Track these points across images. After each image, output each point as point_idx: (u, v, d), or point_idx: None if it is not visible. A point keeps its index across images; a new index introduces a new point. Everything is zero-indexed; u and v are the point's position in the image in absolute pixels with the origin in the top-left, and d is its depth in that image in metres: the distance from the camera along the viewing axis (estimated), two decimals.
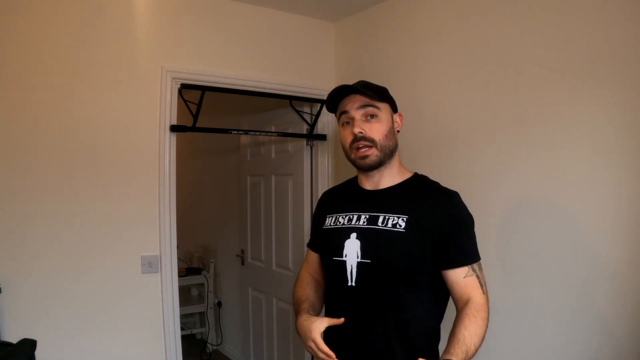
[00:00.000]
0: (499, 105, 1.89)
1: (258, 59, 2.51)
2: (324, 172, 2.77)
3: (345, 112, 1.35)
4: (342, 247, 1.34)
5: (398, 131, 1.40)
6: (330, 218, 1.44)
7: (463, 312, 1.23)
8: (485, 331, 1.22)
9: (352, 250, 1.32)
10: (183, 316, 3.79)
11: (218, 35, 2.39)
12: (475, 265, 1.28)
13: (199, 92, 2.24)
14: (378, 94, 1.33)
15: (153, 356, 2.21)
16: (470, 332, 1.18)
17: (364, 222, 1.34)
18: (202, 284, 4.14)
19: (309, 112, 2.78)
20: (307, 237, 2.82)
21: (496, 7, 1.90)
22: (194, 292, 4.38)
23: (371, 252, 1.30)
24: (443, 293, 1.33)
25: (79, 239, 2.04)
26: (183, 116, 2.32)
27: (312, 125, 2.74)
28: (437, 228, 1.27)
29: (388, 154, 1.34)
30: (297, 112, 2.74)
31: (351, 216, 1.37)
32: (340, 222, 1.39)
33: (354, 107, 1.32)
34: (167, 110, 2.23)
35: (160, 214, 2.22)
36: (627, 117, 1.50)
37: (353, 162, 1.37)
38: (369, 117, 1.32)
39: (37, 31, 1.95)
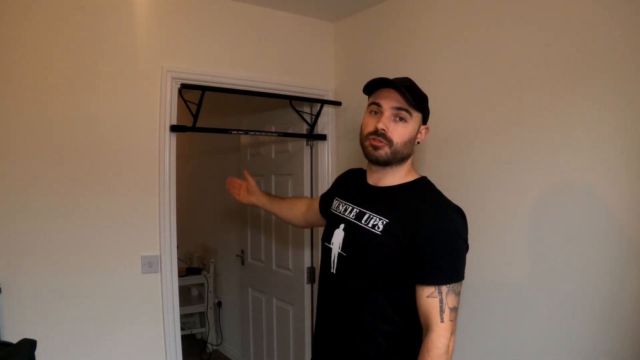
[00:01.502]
0: (499, 104, 1.89)
1: (258, 59, 2.51)
2: (324, 172, 2.77)
3: (378, 104, 1.32)
4: (331, 235, 1.40)
5: (418, 142, 1.37)
6: (336, 202, 1.49)
7: (419, 354, 1.19)
8: None
9: (337, 240, 1.38)
10: (183, 316, 3.79)
11: (218, 35, 2.39)
12: (443, 288, 1.18)
13: (199, 92, 2.24)
14: (417, 102, 1.30)
15: (153, 356, 2.21)
16: None
17: (353, 215, 1.37)
18: (202, 284, 4.14)
19: (309, 112, 2.78)
20: (307, 237, 2.83)
21: (496, 7, 1.90)
22: (194, 292, 4.38)
23: (349, 246, 1.33)
24: (412, 304, 1.25)
25: (79, 239, 2.04)
26: (183, 116, 2.32)
27: (312, 125, 2.74)
28: (412, 237, 1.22)
29: (398, 159, 1.32)
30: (297, 112, 2.74)
31: (347, 207, 1.41)
32: (339, 210, 1.44)
33: (389, 104, 1.30)
34: (167, 110, 2.23)
35: (160, 214, 2.22)
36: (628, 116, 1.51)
37: (364, 149, 1.35)
38: (397, 119, 1.30)
39: (37, 31, 1.95)
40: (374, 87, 1.34)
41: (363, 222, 1.32)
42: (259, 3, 2.47)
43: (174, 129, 2.25)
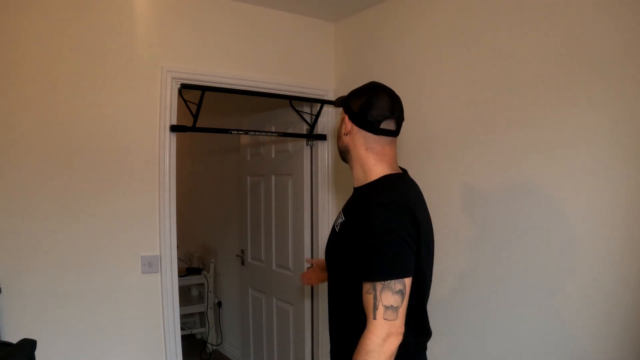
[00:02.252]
0: (499, 105, 1.89)
1: (258, 59, 2.51)
2: (324, 172, 2.77)
3: None
4: None
5: (345, 133, 1.38)
6: None
7: None
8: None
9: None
10: (183, 316, 3.79)
11: (218, 35, 2.39)
12: (377, 284, 1.18)
13: (199, 92, 2.24)
14: (342, 104, 1.41)
15: (153, 356, 2.21)
16: None
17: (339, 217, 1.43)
18: (202, 284, 4.14)
19: (309, 112, 2.78)
20: (307, 237, 2.83)
21: (496, 7, 1.90)
22: (194, 292, 4.38)
23: (327, 246, 1.44)
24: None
25: (79, 239, 2.04)
26: (183, 116, 2.32)
27: (312, 125, 2.74)
28: (353, 235, 1.27)
29: (343, 153, 1.43)
30: (297, 112, 2.74)
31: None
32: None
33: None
34: (167, 110, 2.23)
35: (160, 214, 2.22)
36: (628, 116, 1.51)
37: None
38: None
39: (37, 32, 1.95)
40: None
41: (336, 221, 1.40)
42: (259, 3, 2.47)
43: (174, 129, 2.25)
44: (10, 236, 1.91)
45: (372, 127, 1.33)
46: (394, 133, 1.36)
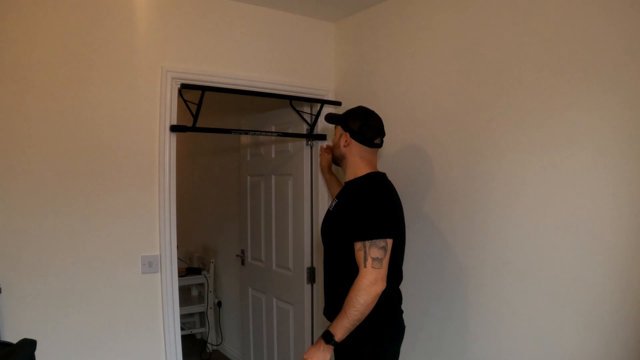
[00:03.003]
0: (499, 104, 1.89)
1: (258, 59, 2.51)
2: None
3: None
4: None
5: (345, 145, 1.83)
6: None
7: None
8: (360, 299, 1.57)
9: None
10: (183, 316, 3.80)
11: (218, 35, 2.39)
12: (367, 242, 1.62)
13: (199, 92, 2.24)
14: (332, 120, 1.93)
15: (153, 356, 2.21)
16: (343, 303, 1.61)
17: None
18: (202, 284, 4.14)
19: (309, 112, 2.78)
20: (307, 236, 2.83)
21: (497, 8, 1.90)
22: (194, 292, 4.38)
23: (323, 223, 1.88)
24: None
25: (79, 239, 2.04)
26: (183, 116, 2.32)
27: (312, 125, 2.74)
28: (346, 210, 1.72)
29: (337, 159, 1.91)
30: (297, 112, 2.74)
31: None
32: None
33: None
34: (167, 110, 2.23)
35: (160, 214, 2.22)
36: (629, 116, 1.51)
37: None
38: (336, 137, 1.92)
39: (37, 31, 1.95)
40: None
41: (329, 205, 1.89)
42: (259, 3, 2.47)
43: (174, 129, 2.25)
44: (10, 236, 1.91)
45: (369, 142, 1.82)
46: (380, 146, 1.87)
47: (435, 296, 2.13)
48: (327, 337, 1.61)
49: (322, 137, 2.75)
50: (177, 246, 2.32)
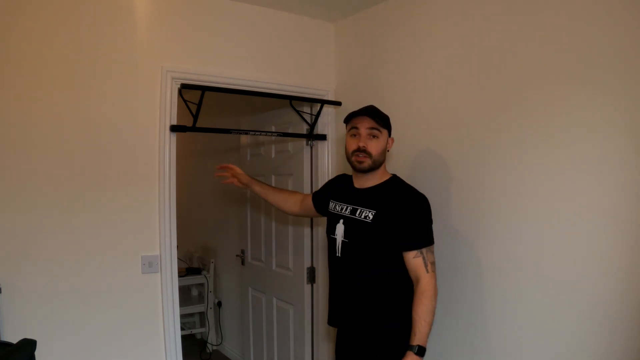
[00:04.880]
0: (499, 103, 1.89)
1: (258, 59, 2.51)
2: (323, 172, 2.77)
3: (356, 127, 1.78)
4: (334, 229, 1.87)
5: (388, 150, 1.83)
6: (332, 204, 1.95)
7: (414, 295, 1.68)
8: (434, 304, 1.65)
9: (339, 232, 1.85)
10: (183, 316, 3.80)
11: (218, 35, 2.39)
12: (423, 250, 1.69)
13: (199, 92, 2.24)
14: (384, 122, 1.79)
15: (153, 356, 2.21)
16: (418, 313, 1.64)
17: (348, 212, 1.84)
18: (202, 284, 4.14)
19: (309, 112, 2.78)
20: (307, 237, 2.83)
21: (497, 7, 1.90)
22: (194, 292, 4.38)
23: (350, 234, 1.81)
24: (401, 269, 1.73)
25: (79, 239, 2.04)
26: (183, 116, 2.32)
27: (312, 125, 2.74)
28: (395, 220, 1.71)
29: (377, 165, 1.80)
30: (297, 112, 2.74)
31: (343, 206, 1.88)
32: (336, 210, 1.90)
33: (364, 126, 1.76)
34: (167, 110, 2.23)
35: (160, 214, 2.22)
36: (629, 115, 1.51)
37: (351, 163, 1.83)
38: (372, 137, 1.77)
39: (37, 31, 1.95)
40: (350, 117, 1.81)
41: (357, 215, 1.79)
42: (259, 3, 2.47)
43: (174, 129, 2.25)
44: (11, 236, 1.91)
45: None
46: None
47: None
48: (422, 351, 1.62)
49: (322, 137, 2.76)
50: (177, 246, 2.32)
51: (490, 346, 1.91)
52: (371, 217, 1.74)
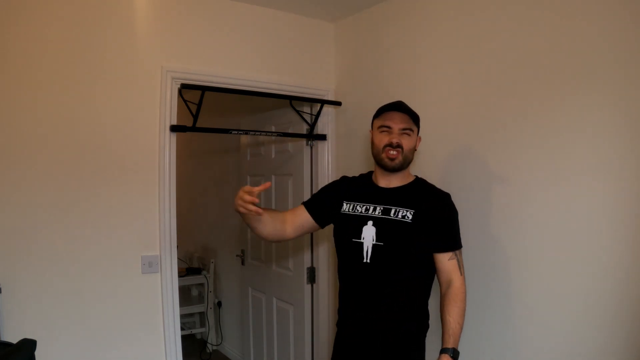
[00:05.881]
0: (500, 103, 1.89)
1: (258, 59, 2.51)
2: (323, 172, 2.77)
3: (388, 126, 1.68)
4: (359, 232, 1.69)
5: (415, 149, 1.74)
6: (348, 205, 1.78)
7: (445, 298, 1.63)
8: (465, 307, 1.61)
9: (369, 234, 1.68)
10: (183, 316, 3.79)
11: (218, 35, 2.39)
12: (457, 252, 1.67)
13: (199, 92, 2.24)
14: (416, 120, 1.72)
15: (153, 356, 2.21)
16: (453, 316, 1.59)
17: (378, 212, 1.69)
18: (202, 284, 4.14)
19: (309, 112, 2.78)
20: (307, 236, 2.83)
21: (497, 6, 1.90)
22: (194, 292, 4.38)
23: (384, 236, 1.66)
24: (431, 272, 1.71)
25: (79, 238, 2.03)
26: (183, 116, 2.32)
27: (312, 125, 2.74)
28: (434, 221, 1.66)
29: (407, 163, 1.72)
30: (297, 112, 2.74)
31: (368, 207, 1.72)
32: (358, 211, 1.74)
33: (397, 122, 1.67)
34: (167, 110, 2.23)
35: (160, 214, 2.22)
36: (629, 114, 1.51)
37: (380, 160, 1.71)
38: (404, 134, 1.68)
39: (37, 31, 1.95)
40: (381, 112, 1.72)
41: (392, 215, 1.67)
42: (259, 3, 2.47)
43: (174, 129, 2.24)
44: (10, 236, 1.91)
45: None
46: None
47: None
48: (457, 354, 1.58)
49: (322, 137, 2.75)
50: (177, 246, 2.32)
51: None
52: (410, 216, 1.65)
